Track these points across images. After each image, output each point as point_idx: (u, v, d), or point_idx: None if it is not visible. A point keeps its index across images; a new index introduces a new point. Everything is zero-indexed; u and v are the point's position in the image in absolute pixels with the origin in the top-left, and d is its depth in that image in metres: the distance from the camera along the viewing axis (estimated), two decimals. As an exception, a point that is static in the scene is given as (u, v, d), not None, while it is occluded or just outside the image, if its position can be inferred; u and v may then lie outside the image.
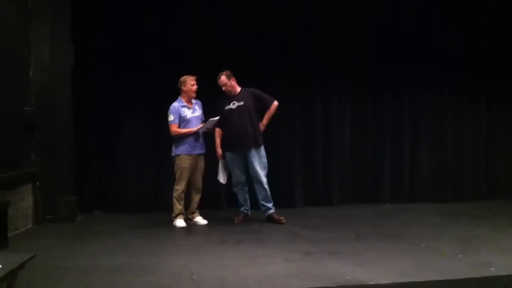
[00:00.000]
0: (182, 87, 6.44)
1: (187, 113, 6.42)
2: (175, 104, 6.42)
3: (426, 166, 7.99)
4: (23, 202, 6.30)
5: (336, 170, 7.81)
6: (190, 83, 6.41)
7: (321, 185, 7.80)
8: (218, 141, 6.57)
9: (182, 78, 6.44)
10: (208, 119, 6.43)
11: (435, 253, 5.00)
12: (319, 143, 7.80)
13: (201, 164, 6.52)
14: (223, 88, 6.51)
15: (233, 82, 6.53)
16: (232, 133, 6.45)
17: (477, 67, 7.97)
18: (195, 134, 6.41)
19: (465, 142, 8.10)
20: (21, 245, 5.43)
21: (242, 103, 6.46)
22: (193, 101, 6.51)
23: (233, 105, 6.48)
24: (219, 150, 6.55)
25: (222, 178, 6.60)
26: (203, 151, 6.53)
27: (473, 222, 6.44)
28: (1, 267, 3.53)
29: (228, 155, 6.55)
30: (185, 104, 6.44)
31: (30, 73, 6.56)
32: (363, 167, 7.97)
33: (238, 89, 6.56)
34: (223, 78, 6.49)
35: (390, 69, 7.84)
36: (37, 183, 6.55)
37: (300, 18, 7.69)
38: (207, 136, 6.63)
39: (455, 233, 5.81)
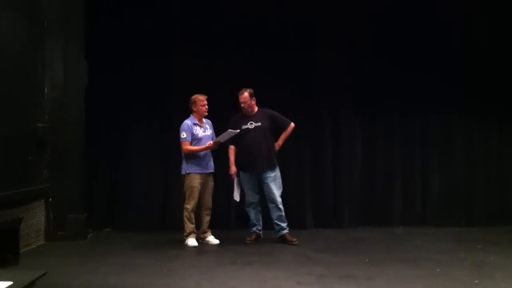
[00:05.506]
0: (193, 107, 6.46)
1: (198, 131, 6.43)
2: (188, 122, 6.43)
3: (438, 188, 7.89)
4: (35, 218, 6.31)
5: (346, 191, 7.74)
6: (200, 103, 6.42)
7: (331, 207, 7.72)
8: (232, 158, 6.54)
9: (192, 98, 6.46)
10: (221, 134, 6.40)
11: (450, 279, 4.91)
12: (328, 163, 7.74)
13: (211, 183, 6.50)
14: (242, 105, 6.50)
15: (253, 102, 6.53)
16: (248, 153, 6.44)
17: (488, 90, 7.87)
18: (206, 153, 6.41)
19: (477, 164, 7.96)
20: (32, 262, 5.42)
21: (259, 124, 6.47)
22: (204, 120, 6.52)
23: (251, 125, 6.48)
24: (233, 168, 6.52)
25: (236, 196, 6.57)
26: (213, 171, 6.52)
27: (487, 248, 6.33)
28: (12, 284, 3.51)
29: (242, 174, 6.55)
30: (197, 122, 6.45)
31: (45, 90, 6.61)
32: (374, 188, 7.88)
33: (256, 109, 6.57)
34: (246, 95, 6.47)
35: (400, 86, 7.77)
36: (50, 200, 6.56)
37: (305, 29, 7.70)
38: (217, 155, 6.64)
39: (469, 259, 5.72)
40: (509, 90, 7.93)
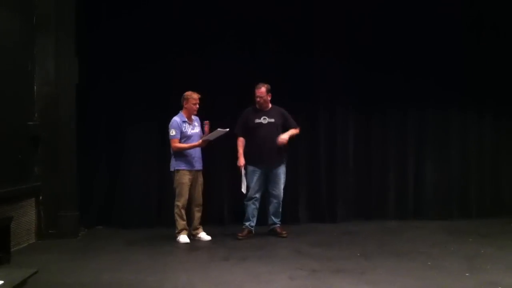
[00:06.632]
0: (184, 103, 6.44)
1: (188, 129, 6.41)
2: (177, 119, 6.40)
3: (431, 182, 7.93)
4: (26, 216, 6.27)
5: (340, 186, 7.76)
6: (192, 101, 6.39)
7: (325, 201, 7.73)
8: (241, 150, 6.56)
9: (186, 94, 6.43)
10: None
11: (442, 271, 4.94)
12: (323, 158, 7.75)
13: (201, 179, 6.50)
14: (257, 99, 6.55)
15: (269, 98, 6.59)
16: (261, 147, 6.47)
17: (483, 84, 7.93)
18: (195, 151, 6.40)
19: (470, 158, 8.03)
20: (24, 261, 5.38)
21: (273, 120, 6.54)
22: (192, 117, 6.51)
23: (264, 120, 6.53)
24: (242, 159, 6.52)
25: (244, 188, 6.55)
26: (202, 168, 6.51)
27: (479, 240, 6.37)
28: (3, 283, 3.50)
29: (250, 168, 6.55)
30: (186, 119, 6.43)
31: (35, 87, 6.55)
32: (368, 183, 7.92)
33: (270, 105, 6.61)
34: (263, 89, 6.52)
35: (396, 83, 7.81)
36: (40, 198, 6.52)
37: (303, 26, 7.71)
38: (210, 151, 6.62)
39: (461, 251, 5.76)
40: (504, 85, 7.98)
